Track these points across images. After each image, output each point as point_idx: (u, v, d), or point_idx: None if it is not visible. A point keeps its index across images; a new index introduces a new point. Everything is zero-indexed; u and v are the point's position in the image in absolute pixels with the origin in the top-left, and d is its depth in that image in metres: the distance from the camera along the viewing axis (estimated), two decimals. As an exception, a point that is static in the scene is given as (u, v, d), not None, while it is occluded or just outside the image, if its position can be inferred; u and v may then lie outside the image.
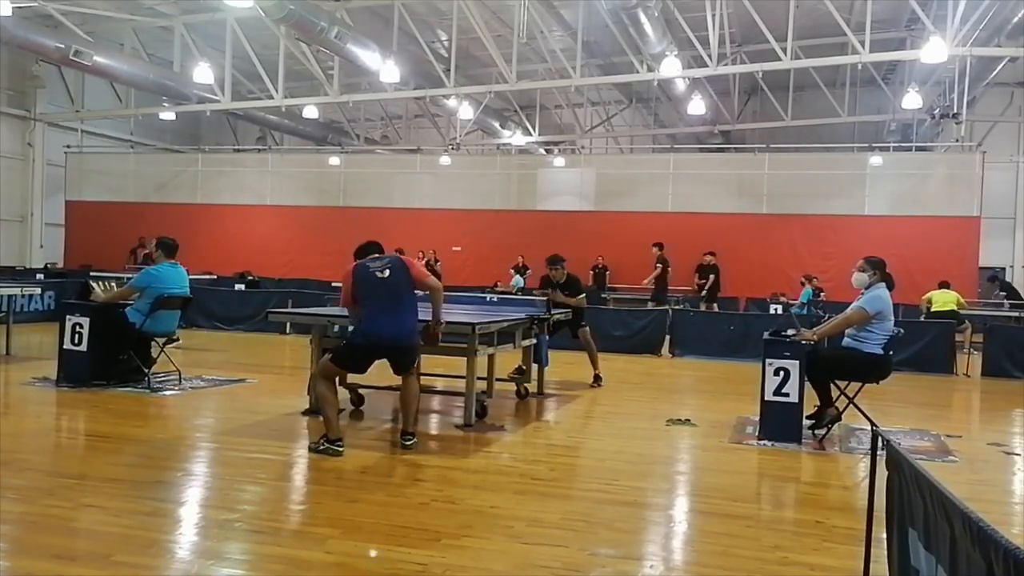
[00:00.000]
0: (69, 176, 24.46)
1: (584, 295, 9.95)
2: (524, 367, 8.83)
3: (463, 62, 19.86)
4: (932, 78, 20.79)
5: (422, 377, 8.63)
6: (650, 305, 16.85)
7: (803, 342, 6.80)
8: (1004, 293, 17.90)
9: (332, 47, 16.71)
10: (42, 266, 22.05)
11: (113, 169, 24.90)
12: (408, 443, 5.99)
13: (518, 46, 17.56)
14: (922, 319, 13.88)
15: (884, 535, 3.22)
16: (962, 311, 14.31)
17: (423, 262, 20.19)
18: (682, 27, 17.35)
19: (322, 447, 5.74)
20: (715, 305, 17.58)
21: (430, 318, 6.20)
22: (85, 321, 8.08)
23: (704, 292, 17.94)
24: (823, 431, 6.77)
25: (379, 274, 5.90)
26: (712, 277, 18.20)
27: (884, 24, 18.52)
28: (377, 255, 6.17)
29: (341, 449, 5.73)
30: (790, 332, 7.04)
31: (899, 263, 16.15)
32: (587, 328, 9.80)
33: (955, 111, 18.93)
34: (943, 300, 14.28)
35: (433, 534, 4.13)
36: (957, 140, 20.30)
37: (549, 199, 21.88)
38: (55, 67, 21.73)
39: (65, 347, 8.12)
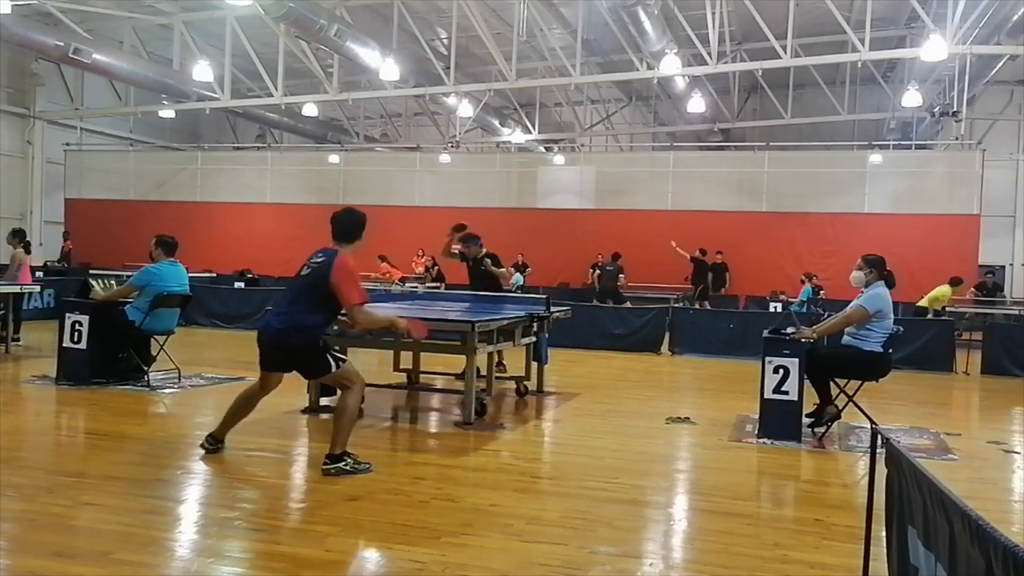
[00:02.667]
0: (68, 174, 24.46)
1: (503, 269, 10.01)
2: (504, 363, 8.82)
3: (463, 60, 19.85)
4: (932, 76, 20.79)
5: (422, 376, 8.72)
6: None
7: (803, 340, 6.80)
8: (977, 291, 17.60)
9: (332, 45, 16.69)
10: (42, 264, 22.04)
11: (112, 167, 24.89)
12: (325, 468, 5.10)
13: (518, 44, 17.55)
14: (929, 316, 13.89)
15: (884, 533, 3.22)
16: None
17: (422, 261, 20.25)
18: (682, 25, 17.36)
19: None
20: (707, 303, 17.76)
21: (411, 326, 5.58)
22: (85, 319, 8.08)
23: (698, 291, 18.20)
24: (823, 429, 6.77)
25: (303, 270, 5.40)
26: (711, 275, 18.41)
27: (884, 22, 18.52)
28: (328, 248, 5.48)
29: (221, 447, 5.50)
30: (790, 330, 7.04)
31: (899, 261, 16.13)
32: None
33: (955, 109, 18.95)
34: (933, 296, 14.60)
35: (433, 532, 4.13)
36: (957, 138, 20.32)
37: (549, 197, 21.88)
38: (54, 65, 21.71)
39: (65, 345, 8.12)
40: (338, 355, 5.31)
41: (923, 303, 14.86)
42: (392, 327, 5.76)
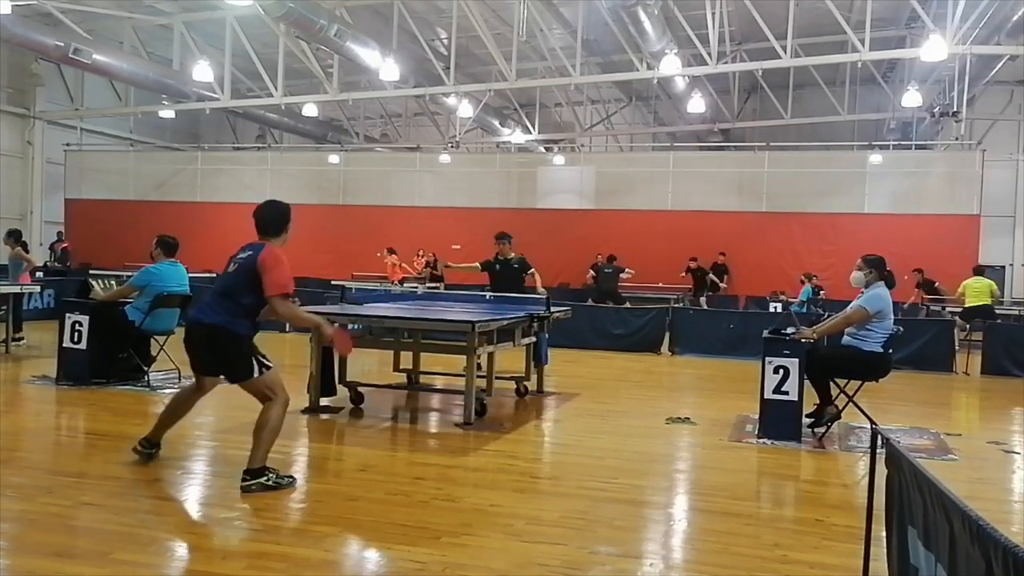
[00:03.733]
0: (68, 174, 24.44)
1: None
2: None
3: (463, 60, 19.85)
4: (932, 76, 20.78)
5: (421, 376, 8.72)
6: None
7: (803, 340, 6.80)
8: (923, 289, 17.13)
9: (332, 45, 16.69)
10: (42, 264, 22.03)
11: (112, 167, 24.88)
12: (244, 485, 4.78)
13: (518, 44, 17.55)
14: (958, 313, 13.43)
15: (884, 533, 3.22)
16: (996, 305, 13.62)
17: (423, 261, 20.25)
18: (682, 25, 17.36)
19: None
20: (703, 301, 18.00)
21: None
22: (85, 319, 8.08)
23: (695, 290, 18.43)
24: (823, 429, 6.77)
25: (229, 266, 5.12)
26: (710, 277, 18.57)
27: (884, 22, 18.51)
28: (255, 243, 5.13)
29: (152, 453, 5.31)
30: (790, 331, 7.04)
31: (899, 261, 16.17)
32: None
33: (955, 109, 18.95)
34: (977, 291, 13.45)
35: (433, 532, 4.13)
36: (957, 138, 20.32)
37: (549, 197, 21.88)
38: (55, 65, 21.71)
39: (65, 345, 8.12)
40: (265, 361, 5.06)
41: (986, 299, 13.48)
42: (317, 330, 5.41)
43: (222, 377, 5.20)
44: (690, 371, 11.85)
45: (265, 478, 4.84)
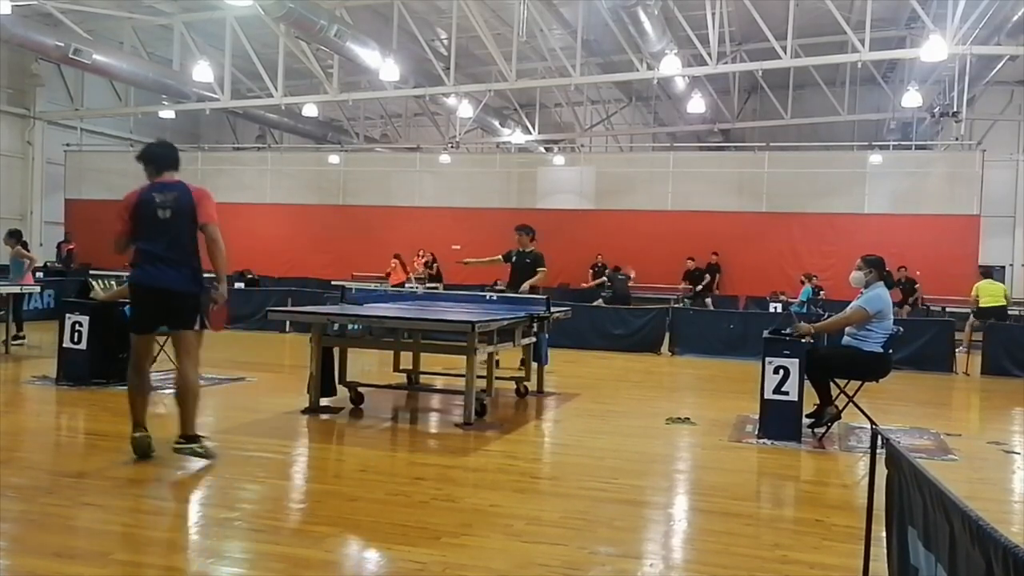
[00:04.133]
0: (68, 175, 24.45)
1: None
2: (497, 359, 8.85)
3: (463, 60, 19.85)
4: (932, 77, 20.78)
5: (421, 376, 8.72)
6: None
7: (801, 338, 6.80)
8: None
9: (332, 45, 16.70)
10: (42, 264, 22.02)
11: (112, 167, 24.75)
12: (180, 447, 5.08)
13: (518, 44, 17.55)
14: (971, 315, 13.39)
15: (884, 533, 3.22)
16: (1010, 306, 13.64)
17: (422, 261, 20.25)
18: (682, 25, 17.36)
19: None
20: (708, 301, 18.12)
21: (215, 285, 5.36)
22: (85, 319, 8.08)
23: (695, 291, 18.45)
24: (823, 429, 6.77)
25: (160, 212, 5.13)
26: (707, 277, 18.73)
27: (884, 22, 18.51)
28: (164, 182, 5.25)
29: (144, 436, 5.32)
30: (789, 331, 7.04)
31: (899, 262, 16.30)
32: None
33: (955, 109, 18.94)
34: (992, 293, 13.42)
35: (433, 532, 4.13)
36: (957, 138, 20.31)
37: (549, 197, 21.88)
38: (55, 65, 21.70)
39: (65, 346, 8.12)
40: (204, 320, 5.20)
41: (1001, 301, 13.45)
42: (220, 279, 5.42)
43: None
44: (690, 371, 11.85)
45: (198, 444, 5.18)
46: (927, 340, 12.17)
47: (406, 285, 17.47)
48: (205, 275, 5.34)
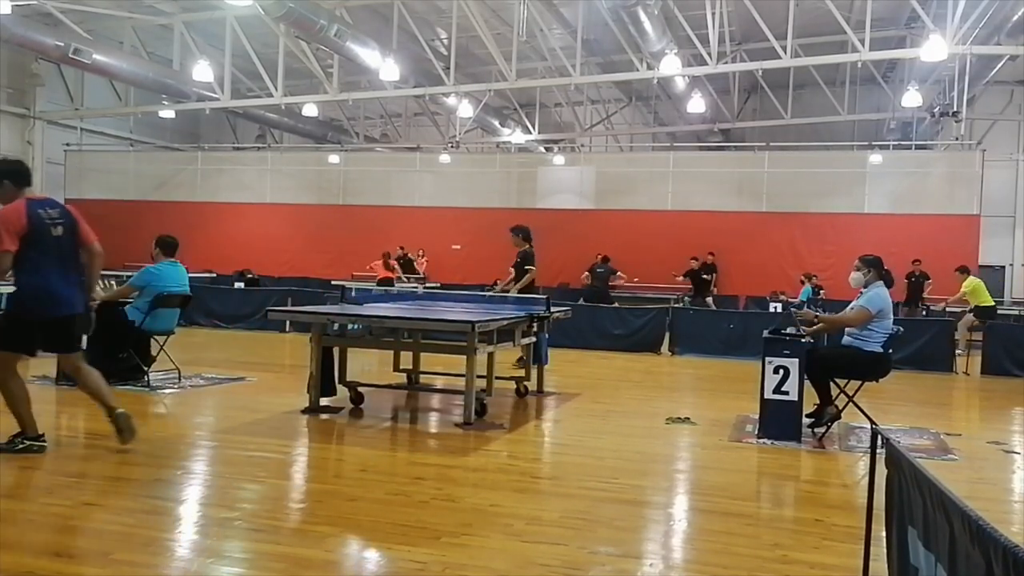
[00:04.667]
0: (69, 174, 24.42)
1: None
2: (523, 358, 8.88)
3: (463, 60, 19.85)
4: (932, 76, 20.79)
5: (421, 376, 8.72)
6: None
7: (803, 334, 6.80)
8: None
9: (332, 45, 16.69)
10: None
11: (113, 167, 24.87)
12: (117, 416, 5.28)
13: (518, 44, 17.55)
14: (966, 314, 13.43)
15: (883, 533, 3.22)
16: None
17: (423, 262, 20.26)
18: (682, 25, 17.36)
19: (20, 446, 5.29)
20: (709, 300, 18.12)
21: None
22: (84, 319, 8.06)
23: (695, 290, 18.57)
24: (823, 429, 6.77)
25: (53, 230, 5.01)
26: (705, 277, 18.82)
27: (884, 22, 18.52)
28: (39, 199, 5.10)
29: (45, 445, 5.36)
30: (790, 330, 7.04)
31: (899, 262, 16.28)
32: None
33: (955, 109, 18.96)
34: (985, 291, 13.55)
35: (433, 532, 4.13)
36: (957, 138, 20.31)
37: (549, 197, 21.88)
38: (55, 65, 21.70)
39: (65, 345, 8.10)
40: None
41: (988, 302, 13.62)
42: (94, 290, 5.55)
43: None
44: (690, 371, 11.85)
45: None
46: (927, 340, 12.17)
47: (395, 284, 17.46)
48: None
